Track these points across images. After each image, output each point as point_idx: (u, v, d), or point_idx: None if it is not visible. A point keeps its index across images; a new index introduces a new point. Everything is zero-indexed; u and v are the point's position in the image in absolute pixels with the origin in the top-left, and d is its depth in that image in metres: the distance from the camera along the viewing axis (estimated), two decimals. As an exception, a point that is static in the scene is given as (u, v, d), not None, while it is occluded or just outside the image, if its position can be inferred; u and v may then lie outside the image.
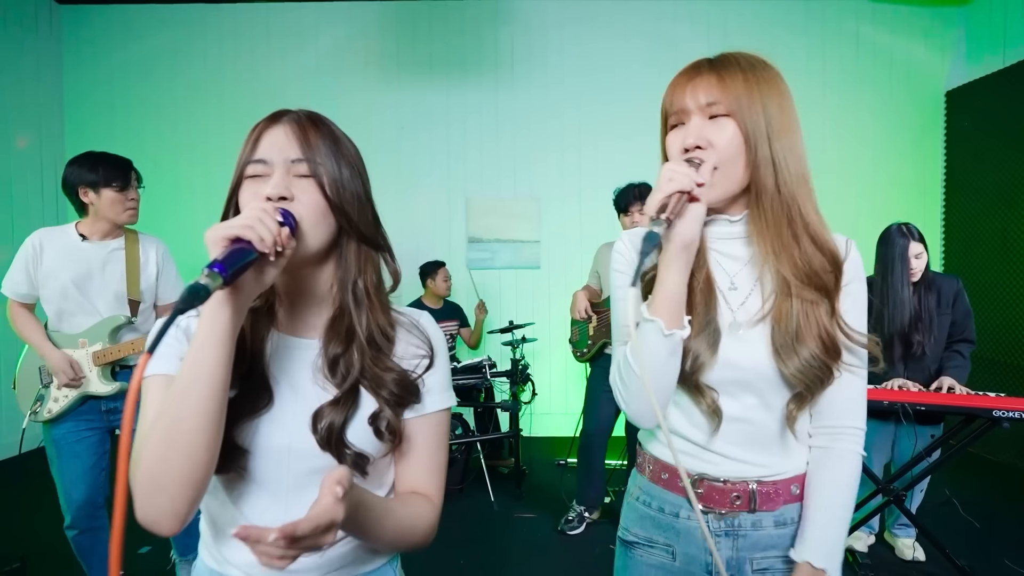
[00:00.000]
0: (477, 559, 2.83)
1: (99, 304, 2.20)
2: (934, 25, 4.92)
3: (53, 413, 2.15)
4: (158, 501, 0.68)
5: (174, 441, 0.68)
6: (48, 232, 2.19)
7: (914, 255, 2.63)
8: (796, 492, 0.97)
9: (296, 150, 0.78)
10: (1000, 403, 2.35)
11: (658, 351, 0.87)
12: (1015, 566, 2.69)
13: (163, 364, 0.77)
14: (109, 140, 5.01)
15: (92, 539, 2.26)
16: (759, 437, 0.95)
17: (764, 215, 0.90)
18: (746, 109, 0.87)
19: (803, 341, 0.89)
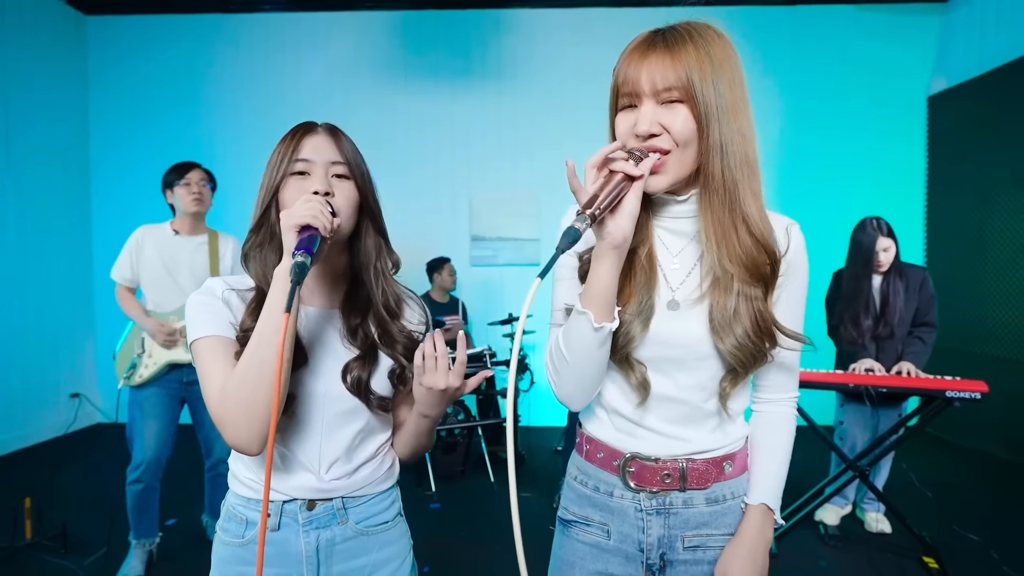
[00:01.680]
0: (478, 532, 3.06)
1: (188, 288, 2.58)
2: (916, 33, 5.14)
3: (144, 378, 2.54)
4: (252, 428, 0.87)
5: (264, 377, 0.85)
6: (149, 228, 2.64)
7: (882, 248, 2.86)
8: (729, 470, 0.98)
9: (335, 154, 0.98)
10: (953, 385, 2.58)
11: (588, 342, 0.87)
12: (964, 532, 2.93)
13: (214, 328, 0.94)
14: (132, 146, 5.34)
15: (148, 497, 2.59)
16: (692, 415, 0.96)
17: (709, 200, 0.89)
18: (699, 92, 0.84)
19: (739, 321, 0.89)
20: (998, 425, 4.31)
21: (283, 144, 0.98)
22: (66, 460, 4.35)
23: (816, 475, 3.25)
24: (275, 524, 0.98)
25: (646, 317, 0.92)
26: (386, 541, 1.06)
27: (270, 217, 0.97)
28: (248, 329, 0.93)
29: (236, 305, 0.98)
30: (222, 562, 1.01)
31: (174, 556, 2.77)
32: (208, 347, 0.93)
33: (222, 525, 1.02)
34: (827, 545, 2.88)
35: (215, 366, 0.92)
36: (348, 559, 1.01)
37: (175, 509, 3.24)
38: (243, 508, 1.00)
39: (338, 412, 1.00)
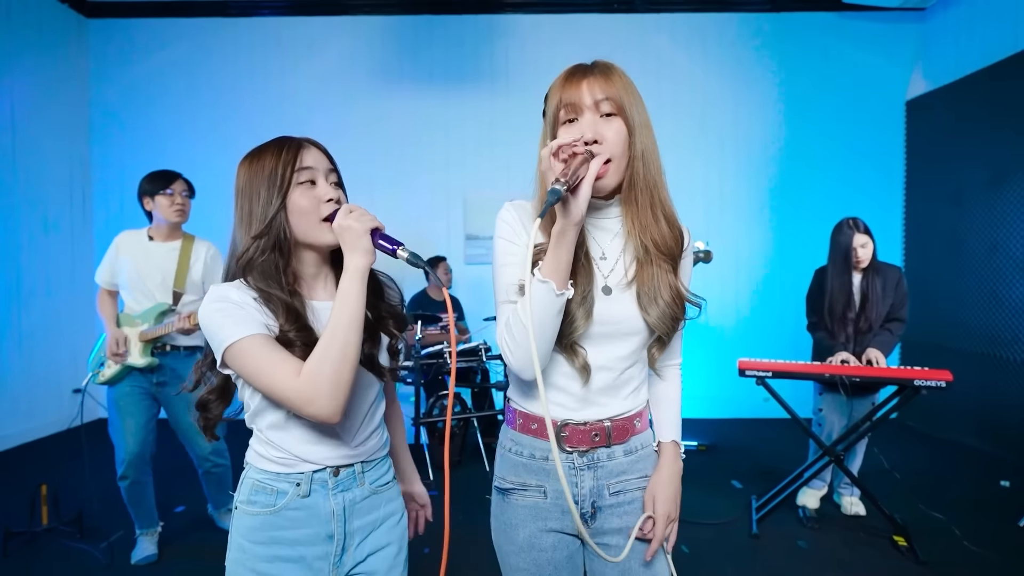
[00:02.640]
0: (473, 518, 3.20)
1: (156, 293, 2.67)
2: (895, 40, 5.34)
3: (106, 377, 2.62)
4: (338, 400, 1.00)
5: (348, 357, 1.00)
6: (127, 234, 2.74)
7: (859, 245, 3.04)
8: (638, 426, 1.18)
9: (328, 162, 1.13)
10: (921, 374, 2.76)
11: (548, 309, 1.00)
12: (928, 510, 3.13)
13: (254, 327, 1.02)
14: (132, 148, 5.45)
15: (140, 491, 2.69)
16: (615, 383, 1.13)
17: (636, 198, 1.07)
18: (628, 106, 1.02)
19: (660, 295, 1.08)
20: (968, 416, 4.52)
21: (277, 157, 1.07)
22: (71, 453, 4.46)
23: (795, 462, 3.42)
24: (306, 491, 1.11)
25: (588, 306, 1.07)
26: (389, 498, 1.23)
27: (277, 225, 1.07)
28: (288, 331, 1.04)
29: (256, 310, 1.05)
30: (252, 531, 1.11)
31: (185, 539, 2.91)
32: (259, 343, 1.01)
33: (248, 499, 1.12)
34: (805, 527, 3.05)
35: (276, 356, 1.01)
36: (364, 515, 1.17)
37: (183, 497, 3.37)
38: (273, 482, 1.11)
39: (358, 387, 1.14)
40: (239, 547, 1.13)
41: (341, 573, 1.15)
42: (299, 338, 1.04)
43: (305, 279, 1.14)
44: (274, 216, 1.06)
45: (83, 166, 5.44)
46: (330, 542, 1.13)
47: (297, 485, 1.11)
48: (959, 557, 2.72)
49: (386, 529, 1.21)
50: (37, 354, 4.87)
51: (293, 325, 1.04)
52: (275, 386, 1.00)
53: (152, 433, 2.70)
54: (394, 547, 1.22)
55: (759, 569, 2.65)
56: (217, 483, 2.92)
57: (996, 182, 4.38)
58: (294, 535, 1.11)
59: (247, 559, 1.11)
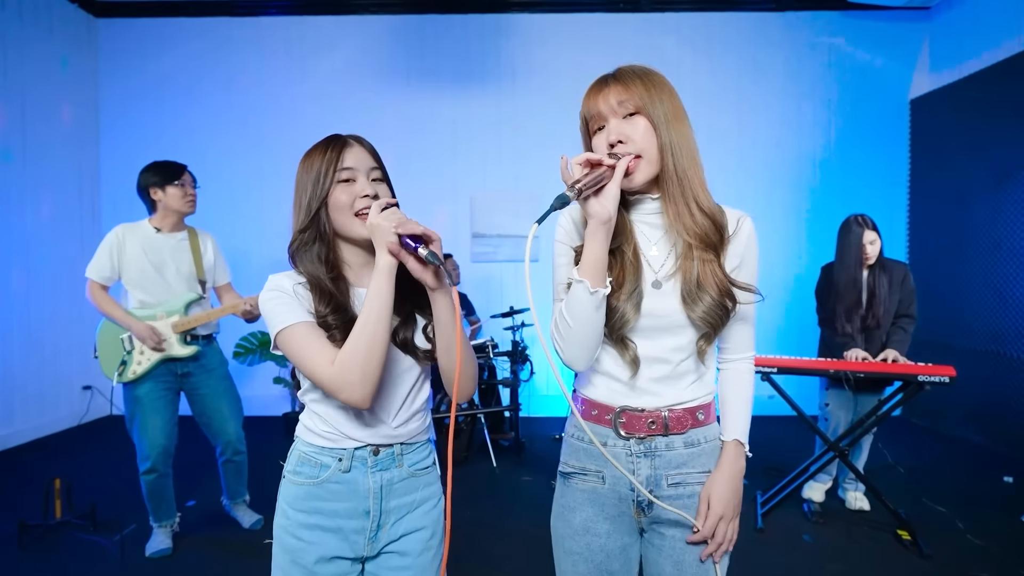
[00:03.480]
0: (481, 513, 3.24)
1: (173, 284, 2.70)
2: (900, 39, 5.36)
3: (137, 374, 2.62)
4: (367, 387, 1.08)
5: (374, 348, 1.07)
6: (128, 227, 2.71)
7: (868, 242, 3.06)
8: (701, 418, 1.17)
9: (372, 161, 1.21)
10: (925, 370, 2.78)
11: (586, 305, 1.05)
12: (932, 504, 3.15)
13: (299, 315, 1.12)
14: (141, 146, 5.50)
15: (163, 483, 2.74)
16: (673, 374, 1.14)
17: (667, 191, 1.10)
18: (649, 103, 1.06)
19: (704, 290, 1.09)
20: (972, 412, 4.55)
21: (323, 156, 1.16)
22: (81, 449, 4.51)
23: (800, 458, 3.46)
24: (347, 467, 1.18)
25: (637, 301, 1.11)
26: (427, 482, 1.27)
27: (320, 219, 1.16)
28: (325, 315, 1.13)
29: (304, 295, 1.16)
30: (296, 499, 1.19)
31: (197, 532, 2.95)
32: (302, 331, 1.11)
33: (294, 470, 1.20)
34: (810, 521, 3.08)
35: (316, 344, 1.10)
36: (401, 496, 1.22)
37: (195, 491, 3.42)
38: (318, 455, 1.19)
39: (398, 371, 1.21)
40: (283, 513, 1.20)
41: (376, 548, 1.21)
42: (336, 321, 1.12)
43: (353, 267, 1.22)
44: (316, 211, 1.15)
45: (92, 165, 5.49)
46: (366, 518, 1.19)
47: (339, 460, 1.18)
48: (962, 551, 2.74)
49: (422, 512, 1.25)
50: (47, 351, 4.92)
51: (329, 308, 1.13)
52: (313, 372, 1.09)
53: (176, 427, 2.76)
54: (427, 531, 1.25)
55: (764, 563, 2.68)
56: (236, 473, 2.97)
57: (1000, 180, 4.40)
58: (334, 507, 1.18)
59: (290, 525, 1.19)
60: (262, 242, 5.38)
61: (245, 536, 2.92)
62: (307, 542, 1.17)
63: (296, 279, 1.17)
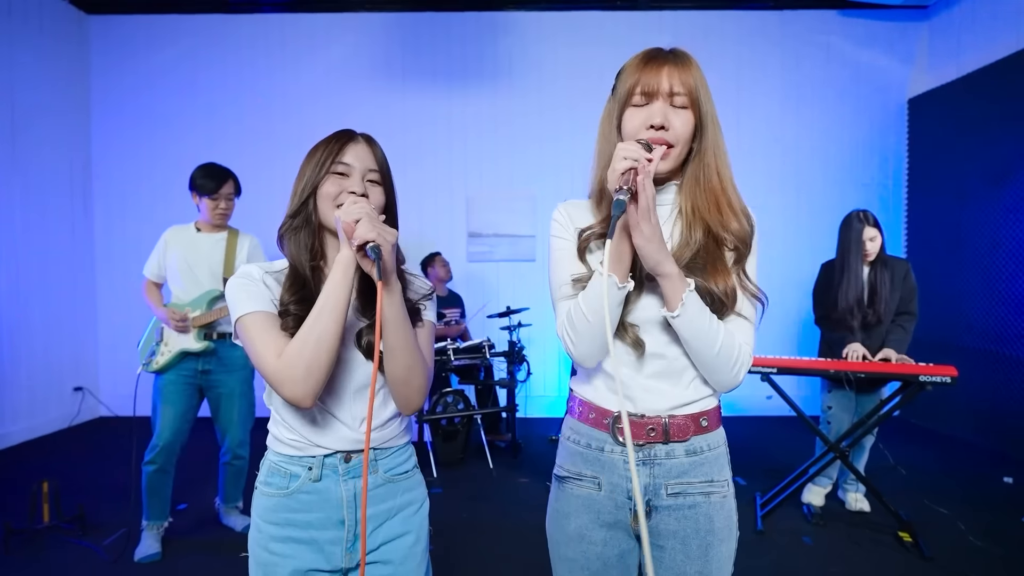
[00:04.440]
0: (478, 515, 3.20)
1: (204, 281, 2.78)
2: (897, 38, 5.34)
3: (160, 364, 2.72)
4: (309, 385, 1.04)
5: (322, 343, 1.03)
6: (175, 229, 2.87)
7: (868, 238, 3.03)
8: (705, 424, 1.11)
9: (372, 162, 1.16)
10: (926, 370, 2.75)
11: (611, 300, 1.01)
12: (933, 505, 3.12)
13: (258, 304, 1.09)
14: (132, 143, 5.43)
15: (162, 479, 2.73)
16: (673, 369, 1.09)
17: (704, 188, 1.07)
18: (703, 101, 1.04)
19: (710, 280, 1.05)
20: (971, 412, 4.52)
21: (326, 147, 1.14)
22: (73, 451, 4.45)
23: (799, 459, 3.43)
24: (317, 475, 1.14)
25: (639, 287, 1.08)
26: (407, 487, 1.23)
27: (308, 207, 1.14)
28: (288, 304, 1.10)
29: (272, 285, 1.14)
30: (267, 511, 1.15)
31: (187, 538, 2.90)
32: (256, 320, 1.08)
33: (264, 481, 1.17)
34: (810, 523, 3.04)
35: (266, 335, 1.08)
36: (378, 503, 1.18)
37: (186, 495, 3.36)
38: (287, 464, 1.16)
39: (364, 375, 1.17)
40: (256, 526, 1.17)
41: (355, 559, 1.16)
42: (296, 311, 1.09)
43: (330, 261, 1.18)
44: (305, 200, 1.13)
45: (84, 163, 5.43)
46: (341, 527, 1.15)
47: (309, 469, 1.14)
48: (964, 553, 2.71)
49: (403, 518, 1.21)
50: (37, 351, 4.86)
51: (294, 296, 1.11)
52: (259, 363, 1.07)
53: (188, 424, 2.79)
54: (411, 536, 1.21)
55: (764, 565, 2.64)
56: (235, 476, 2.97)
57: (999, 179, 4.38)
58: (306, 518, 1.14)
59: (262, 538, 1.15)
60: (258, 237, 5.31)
61: (236, 541, 2.87)
62: (280, 555, 1.13)
63: (268, 268, 1.16)
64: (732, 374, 1.07)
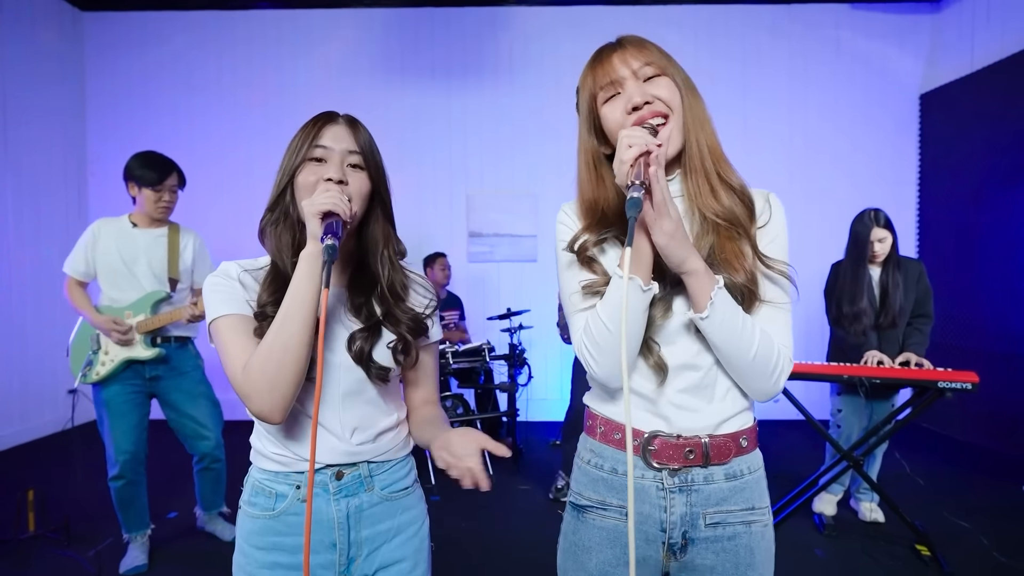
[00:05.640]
0: (477, 523, 3.10)
1: (144, 282, 2.56)
2: (908, 32, 5.20)
3: (100, 375, 2.49)
4: (275, 398, 0.93)
5: (289, 350, 0.92)
6: (106, 221, 2.59)
7: (877, 239, 2.91)
8: (745, 445, 1.00)
9: (352, 144, 1.03)
10: (945, 376, 2.62)
11: (635, 307, 0.90)
12: (954, 518, 2.99)
13: (232, 306, 0.99)
14: (129, 142, 5.30)
15: (133, 491, 2.59)
16: (705, 381, 0.97)
17: (693, 168, 0.96)
18: (672, 68, 0.95)
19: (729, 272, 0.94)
20: (987, 417, 4.39)
21: (304, 130, 1.03)
22: (65, 455, 4.36)
23: (809, 465, 3.30)
24: (307, 494, 1.01)
25: (668, 303, 0.96)
26: (407, 506, 1.12)
27: (286, 198, 1.03)
28: (265, 304, 1.00)
29: (251, 285, 1.04)
30: (252, 534, 1.05)
31: (176, 546, 2.80)
32: (228, 325, 0.99)
33: (249, 500, 1.06)
34: (822, 535, 2.93)
35: (236, 342, 0.97)
36: (375, 523, 1.07)
37: (176, 503, 3.26)
38: (271, 482, 1.05)
39: (352, 381, 1.05)
40: (240, 550, 1.07)
41: None
42: (274, 312, 0.97)
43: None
44: (282, 190, 1.02)
45: (79, 162, 5.34)
46: (333, 551, 1.05)
47: (296, 487, 1.03)
48: (987, 569, 2.58)
49: (401, 542, 1.10)
50: (30, 353, 4.77)
51: (272, 296, 1.00)
52: (229, 374, 0.97)
53: (145, 432, 2.61)
54: (408, 563, 1.11)
55: (775, 580, 2.53)
56: (213, 482, 2.82)
57: (1013, 176, 4.25)
58: (295, 542, 1.03)
59: (247, 563, 1.05)
60: (252, 239, 5.18)
61: (225, 551, 2.76)
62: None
63: (248, 266, 1.07)
64: (771, 381, 0.96)
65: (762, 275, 0.96)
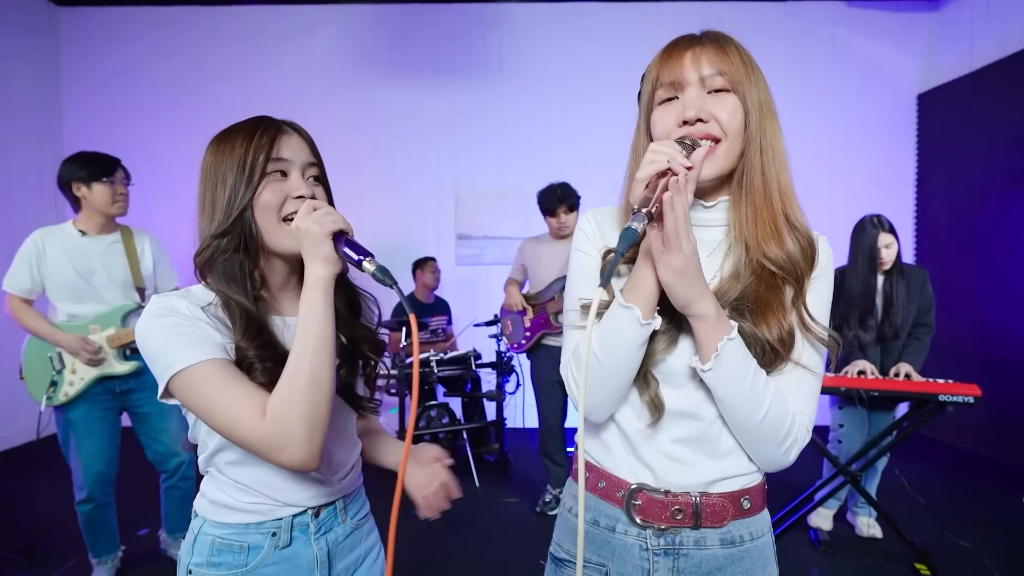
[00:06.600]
0: (463, 541, 2.98)
1: (105, 293, 2.38)
2: (906, 30, 5.10)
3: (69, 396, 2.31)
4: (316, 443, 0.83)
5: (321, 388, 0.83)
6: (48, 231, 2.36)
7: (884, 245, 2.80)
8: (747, 506, 0.88)
9: (310, 155, 0.96)
10: (946, 388, 2.52)
11: (630, 340, 0.80)
12: (955, 538, 2.88)
13: (209, 350, 0.84)
14: (107, 139, 5.16)
15: (103, 513, 2.44)
16: (708, 434, 0.87)
17: (749, 200, 0.85)
18: (748, 86, 0.82)
19: (760, 324, 0.82)
20: (988, 425, 4.29)
21: (250, 141, 0.91)
22: (36, 467, 4.21)
23: (805, 478, 3.19)
24: (286, 540, 0.95)
25: (674, 337, 0.86)
26: (369, 529, 1.10)
27: (245, 222, 0.90)
28: (246, 350, 0.87)
29: (211, 324, 0.89)
30: None
31: (146, 566, 2.67)
32: (213, 371, 0.84)
33: (208, 562, 0.93)
34: (819, 551, 2.82)
35: (235, 389, 0.84)
36: (347, 554, 1.04)
37: (147, 518, 3.12)
38: (242, 536, 0.94)
39: (338, 415, 0.99)
40: None
41: None
42: (260, 358, 0.87)
43: (271, 289, 0.97)
44: (241, 213, 0.90)
45: (54, 163, 5.16)
46: None
47: (273, 535, 0.94)
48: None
49: (368, 565, 1.08)
50: (3, 359, 4.61)
51: (252, 342, 0.88)
52: (234, 428, 0.83)
53: (117, 451, 2.46)
54: None
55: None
56: (180, 501, 2.65)
57: (1012, 178, 4.16)
58: None
59: None
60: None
61: None
62: None
63: (195, 300, 0.90)
64: (780, 451, 0.84)
65: (800, 334, 0.84)
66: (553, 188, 3.19)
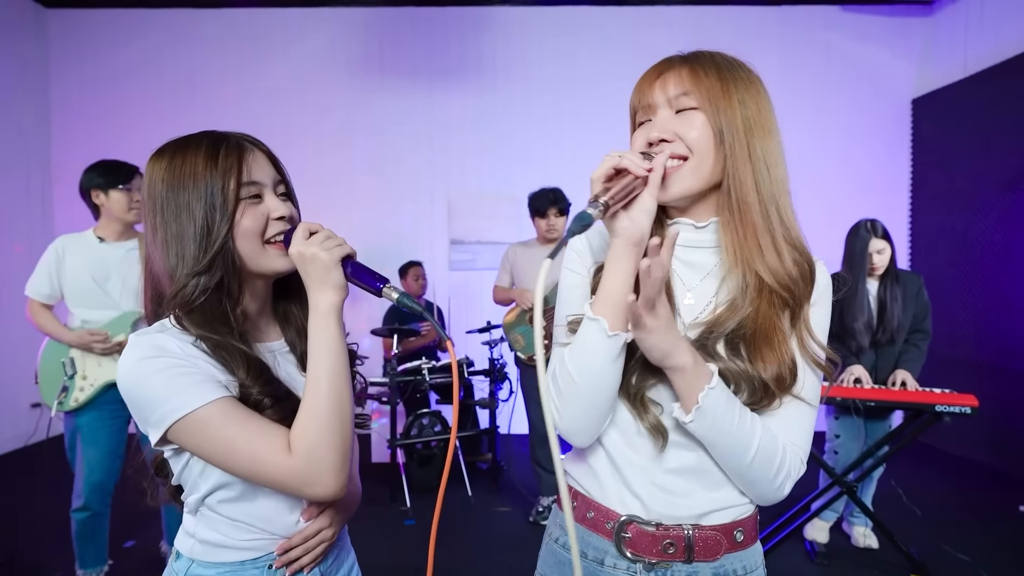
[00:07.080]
0: (455, 553, 2.93)
1: (119, 300, 2.39)
2: (900, 35, 5.09)
3: (80, 402, 2.33)
4: (345, 472, 0.83)
5: (346, 417, 0.83)
6: (69, 238, 2.42)
7: (876, 251, 2.78)
8: (740, 539, 0.86)
9: (276, 173, 0.91)
10: (943, 399, 2.50)
11: (601, 354, 0.77)
12: (952, 551, 2.85)
13: (215, 389, 0.79)
14: (95, 143, 5.10)
15: (96, 523, 2.42)
16: (705, 467, 0.84)
17: (740, 219, 0.81)
18: (719, 103, 0.79)
19: (756, 360, 0.80)
20: (984, 432, 4.27)
21: (214, 165, 0.84)
22: (25, 474, 4.16)
23: (803, 487, 3.15)
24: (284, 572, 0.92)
25: None
26: (344, 542, 1.07)
27: (228, 254, 0.84)
28: (250, 389, 0.83)
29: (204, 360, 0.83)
30: None
31: (129, 583, 2.62)
32: (224, 412, 0.79)
33: None
34: (814, 563, 2.79)
35: (251, 425, 0.80)
36: (336, 572, 1.02)
37: (133, 530, 3.07)
38: (236, 574, 0.90)
39: None
40: None
41: None
42: (266, 394, 0.84)
43: (250, 317, 0.92)
44: (222, 246, 0.83)
45: (43, 168, 5.12)
46: None
47: (269, 567, 0.91)
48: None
49: None
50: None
51: (258, 381, 0.84)
52: (259, 467, 0.79)
53: (120, 459, 2.44)
54: None
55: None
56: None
57: (1007, 184, 4.15)
58: None
59: None
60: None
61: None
62: None
63: (179, 335, 0.83)
64: (773, 486, 0.82)
65: (801, 362, 0.81)
66: (546, 191, 3.22)
